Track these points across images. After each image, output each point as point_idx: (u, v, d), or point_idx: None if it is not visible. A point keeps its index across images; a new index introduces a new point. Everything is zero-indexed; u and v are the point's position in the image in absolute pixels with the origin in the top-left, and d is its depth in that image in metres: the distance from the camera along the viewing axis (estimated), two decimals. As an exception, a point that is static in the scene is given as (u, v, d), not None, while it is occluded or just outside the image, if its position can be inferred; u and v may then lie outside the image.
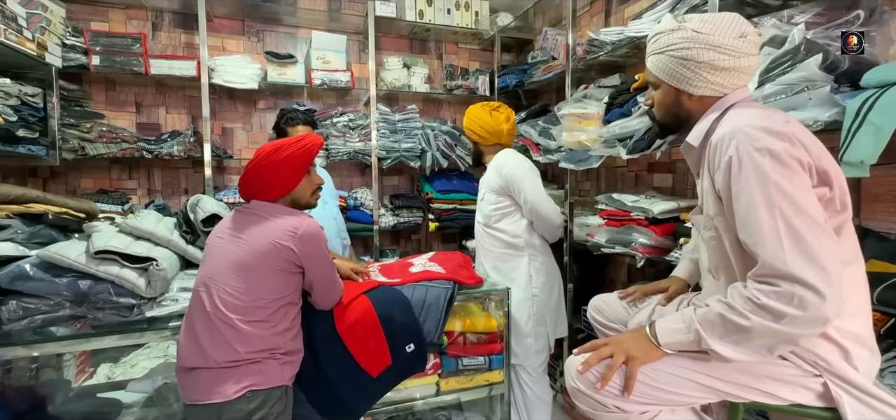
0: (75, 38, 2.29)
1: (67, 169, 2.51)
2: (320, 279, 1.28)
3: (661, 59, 1.04)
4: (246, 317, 1.16)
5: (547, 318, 1.90)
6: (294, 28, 2.92)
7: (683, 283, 1.36)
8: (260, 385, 1.16)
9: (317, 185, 1.37)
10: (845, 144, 1.05)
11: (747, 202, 0.87)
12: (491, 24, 3.04)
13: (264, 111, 2.89)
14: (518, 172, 1.82)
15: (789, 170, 0.85)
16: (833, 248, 0.83)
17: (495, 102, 2.02)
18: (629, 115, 1.80)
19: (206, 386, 1.14)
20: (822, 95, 1.15)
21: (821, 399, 0.93)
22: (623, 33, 1.96)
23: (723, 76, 0.98)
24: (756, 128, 0.88)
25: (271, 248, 1.18)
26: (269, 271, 1.19)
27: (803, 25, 1.24)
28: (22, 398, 1.57)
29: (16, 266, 1.25)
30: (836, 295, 0.81)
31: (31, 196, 1.48)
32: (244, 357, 1.15)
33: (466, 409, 2.03)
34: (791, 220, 0.83)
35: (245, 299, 1.16)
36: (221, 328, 1.15)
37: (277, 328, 1.20)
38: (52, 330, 1.31)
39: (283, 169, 1.26)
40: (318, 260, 1.25)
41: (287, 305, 1.23)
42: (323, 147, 1.38)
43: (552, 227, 1.85)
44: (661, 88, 1.09)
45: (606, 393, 0.99)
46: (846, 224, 0.93)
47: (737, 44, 0.96)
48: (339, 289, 1.37)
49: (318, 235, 1.24)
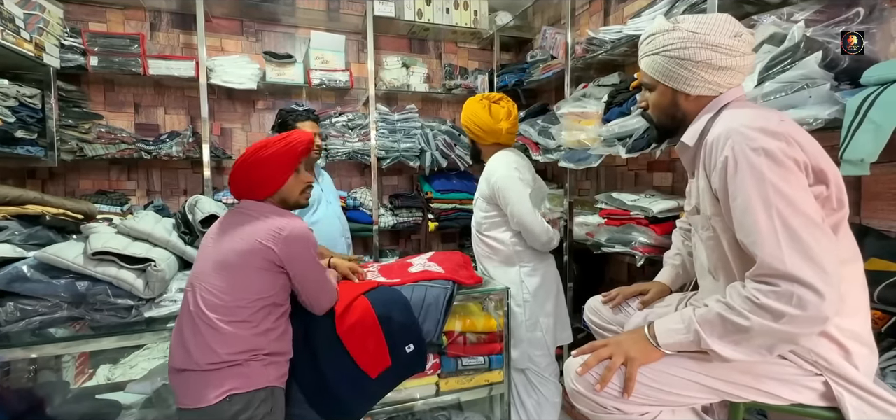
0: (73, 38, 2.28)
1: (66, 170, 2.50)
2: (306, 282, 1.25)
3: (657, 59, 1.03)
4: (227, 317, 1.14)
5: (542, 322, 1.85)
6: (293, 28, 2.91)
7: (665, 287, 1.36)
8: (241, 388, 1.13)
9: (305, 183, 1.33)
10: (845, 142, 1.05)
11: (744, 202, 0.87)
12: (490, 24, 3.03)
13: (263, 111, 2.88)
14: (503, 183, 1.76)
15: (785, 169, 0.85)
16: (831, 247, 0.83)
17: (497, 94, 1.92)
18: (628, 113, 1.79)
19: (192, 389, 1.13)
20: (821, 93, 1.14)
21: (822, 398, 0.93)
22: (622, 32, 1.95)
23: (719, 75, 0.98)
24: (752, 128, 0.88)
25: (254, 248, 1.16)
26: (252, 271, 1.16)
27: (803, 23, 1.24)
28: (20, 400, 1.57)
29: (13, 267, 1.25)
30: (834, 294, 0.81)
31: (29, 197, 1.48)
32: (224, 359, 1.13)
33: (466, 409, 2.03)
34: (788, 220, 0.83)
35: (226, 299, 1.15)
36: (203, 329, 1.14)
37: (259, 329, 1.17)
38: (50, 331, 1.30)
39: (269, 166, 1.24)
40: (302, 262, 1.21)
41: (270, 306, 1.20)
42: (315, 145, 1.32)
43: (539, 242, 1.79)
44: (656, 90, 1.08)
45: (606, 395, 0.98)
46: (843, 222, 0.92)
47: (732, 43, 0.96)
48: (329, 292, 1.32)
49: (303, 237, 1.21)
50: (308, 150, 1.30)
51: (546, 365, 1.88)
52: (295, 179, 1.29)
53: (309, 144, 1.30)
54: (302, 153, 1.28)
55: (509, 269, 1.86)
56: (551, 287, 1.89)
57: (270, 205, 1.27)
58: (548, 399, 1.89)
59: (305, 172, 1.34)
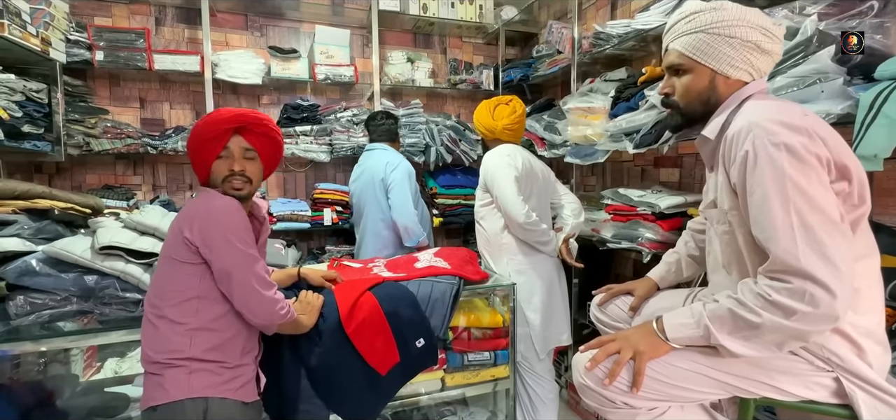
0: (79, 33, 2.28)
1: (73, 165, 2.51)
2: (221, 276, 1.05)
3: (700, 37, 0.99)
4: (155, 311, 1.06)
5: (529, 316, 1.83)
6: (297, 23, 2.90)
7: (653, 284, 1.35)
8: (158, 399, 1.02)
9: (230, 169, 1.12)
10: (859, 138, 1.04)
11: (761, 197, 0.86)
12: (495, 18, 3.01)
13: (268, 106, 2.88)
14: (493, 168, 1.81)
15: (806, 165, 0.83)
16: (845, 246, 0.82)
17: (507, 97, 1.98)
18: (636, 108, 1.78)
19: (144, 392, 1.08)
20: (834, 88, 1.13)
21: (834, 395, 0.92)
22: (630, 26, 1.93)
23: (761, 59, 0.98)
24: (773, 121, 0.87)
25: (173, 231, 1.08)
26: (171, 259, 1.07)
27: (816, 16, 1.22)
28: (30, 393, 1.58)
29: (22, 262, 1.26)
30: (847, 293, 0.81)
31: (37, 191, 1.48)
32: (150, 360, 1.05)
33: (472, 404, 2.03)
34: (805, 217, 0.82)
35: (155, 289, 1.07)
36: (144, 324, 1.08)
37: (183, 328, 1.04)
38: (59, 325, 1.31)
39: (192, 150, 1.13)
40: (215, 247, 1.03)
41: (195, 300, 1.05)
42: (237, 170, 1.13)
43: (515, 225, 1.79)
44: (693, 72, 1.03)
45: (614, 389, 0.98)
46: (864, 218, 0.91)
47: (773, 28, 0.97)
48: (262, 301, 1.08)
49: (216, 217, 1.04)
50: (228, 131, 1.11)
51: (536, 361, 1.86)
52: (223, 163, 1.12)
53: (228, 121, 1.11)
54: (223, 130, 1.10)
55: (499, 259, 1.88)
56: (538, 283, 1.85)
57: (207, 189, 1.15)
58: (541, 397, 1.88)
59: (238, 160, 1.13)
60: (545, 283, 1.87)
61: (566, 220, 1.95)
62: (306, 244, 2.98)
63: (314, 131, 2.68)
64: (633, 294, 1.35)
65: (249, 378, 1.13)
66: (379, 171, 2.21)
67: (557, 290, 1.92)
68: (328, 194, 2.74)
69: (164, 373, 1.03)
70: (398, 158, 2.25)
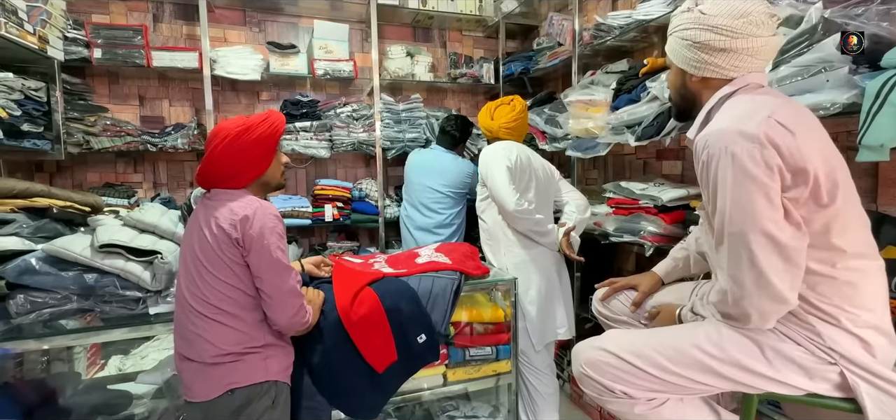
0: (76, 30, 2.27)
1: (73, 163, 2.51)
2: (259, 280, 1.13)
3: (672, 39, 1.07)
4: (215, 311, 1.12)
5: (526, 309, 1.83)
6: (295, 18, 2.89)
7: (657, 279, 1.35)
8: (240, 382, 1.12)
9: (284, 163, 1.29)
10: (864, 127, 1.02)
11: (713, 201, 0.93)
12: (495, 11, 2.99)
13: (267, 102, 2.87)
14: (487, 160, 1.84)
15: (747, 176, 0.87)
16: (775, 254, 0.87)
17: (509, 97, 2.00)
18: (638, 101, 1.76)
19: (196, 383, 1.13)
20: (839, 77, 1.11)
21: (838, 389, 0.92)
22: (631, 17, 1.91)
23: (721, 57, 0.97)
24: (731, 130, 0.90)
25: (221, 239, 1.11)
26: (223, 264, 1.12)
27: (820, 4, 1.20)
28: (32, 391, 1.59)
29: (22, 260, 1.25)
30: (769, 294, 0.88)
31: (36, 190, 1.48)
32: (222, 352, 1.11)
33: (474, 399, 2.03)
34: (738, 226, 0.89)
35: (207, 294, 1.12)
36: (196, 320, 1.12)
37: (250, 320, 1.15)
38: (61, 323, 1.31)
39: (257, 149, 1.17)
40: (257, 252, 1.11)
41: (257, 296, 1.16)
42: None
43: (506, 213, 1.81)
44: (672, 69, 1.12)
45: (613, 379, 1.00)
46: (838, 218, 0.89)
47: (735, 24, 0.94)
48: (288, 307, 1.16)
49: (264, 223, 1.11)
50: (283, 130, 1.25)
51: (533, 354, 1.86)
52: (277, 161, 1.26)
53: (285, 125, 1.25)
54: (282, 133, 1.24)
55: (497, 252, 1.90)
56: (535, 276, 1.84)
57: (244, 191, 1.19)
58: (540, 392, 1.88)
59: (282, 153, 1.29)
60: (543, 277, 1.86)
61: (569, 216, 1.94)
62: (307, 240, 2.98)
63: (314, 127, 2.67)
64: (636, 289, 1.34)
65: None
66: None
67: (556, 284, 1.90)
68: (329, 190, 2.74)
69: (241, 359, 1.13)
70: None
